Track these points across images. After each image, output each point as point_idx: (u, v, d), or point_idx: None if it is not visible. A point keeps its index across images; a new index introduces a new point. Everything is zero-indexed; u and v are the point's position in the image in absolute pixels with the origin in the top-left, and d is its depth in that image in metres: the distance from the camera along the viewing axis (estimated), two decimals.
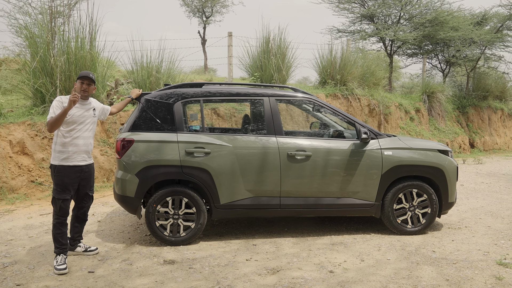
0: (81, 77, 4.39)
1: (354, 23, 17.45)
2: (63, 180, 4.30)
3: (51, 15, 8.75)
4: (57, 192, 4.31)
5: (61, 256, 4.29)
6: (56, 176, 4.31)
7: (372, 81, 13.74)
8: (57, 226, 4.32)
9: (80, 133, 4.39)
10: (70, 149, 4.32)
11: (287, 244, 5.07)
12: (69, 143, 4.32)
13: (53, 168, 4.32)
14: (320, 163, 5.22)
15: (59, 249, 4.31)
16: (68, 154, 4.32)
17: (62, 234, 4.32)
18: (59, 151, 4.31)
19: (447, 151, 5.66)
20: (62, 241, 4.32)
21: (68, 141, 4.31)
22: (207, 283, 3.93)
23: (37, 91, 8.60)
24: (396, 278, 4.08)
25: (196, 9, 20.19)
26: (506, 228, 5.83)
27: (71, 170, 4.33)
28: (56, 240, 4.31)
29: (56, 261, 4.26)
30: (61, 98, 4.31)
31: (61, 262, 4.23)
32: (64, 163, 4.30)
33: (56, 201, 4.32)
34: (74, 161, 4.35)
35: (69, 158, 4.32)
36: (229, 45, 12.22)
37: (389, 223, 5.41)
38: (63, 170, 4.30)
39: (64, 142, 4.31)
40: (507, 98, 20.03)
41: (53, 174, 4.34)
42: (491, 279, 4.07)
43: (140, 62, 9.67)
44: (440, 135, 15.37)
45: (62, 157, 4.30)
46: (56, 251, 4.30)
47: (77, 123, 4.36)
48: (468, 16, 17.51)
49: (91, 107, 4.55)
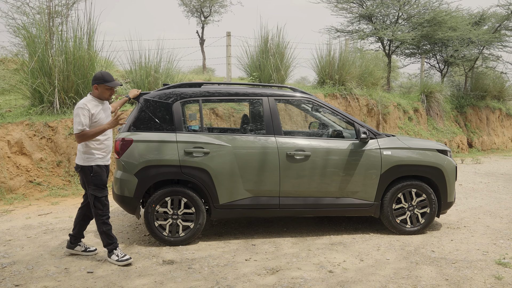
0: (111, 85, 4.39)
1: (353, 23, 17.44)
2: (102, 179, 4.40)
3: (49, 15, 8.73)
4: (98, 191, 4.39)
5: (118, 250, 4.45)
6: (94, 177, 4.36)
7: (370, 81, 13.75)
8: (106, 222, 4.43)
9: (108, 133, 4.50)
10: (103, 150, 4.43)
11: (286, 244, 5.07)
12: (102, 144, 4.41)
13: (88, 169, 4.35)
14: (319, 163, 5.22)
15: (113, 244, 4.45)
16: (103, 155, 4.43)
17: (111, 228, 4.48)
18: (93, 153, 4.36)
19: (446, 151, 5.66)
20: (113, 235, 4.48)
21: (101, 143, 4.40)
22: (206, 283, 3.92)
23: (35, 91, 8.59)
24: (395, 278, 4.08)
25: (194, 9, 20.17)
26: (505, 228, 5.83)
27: (105, 169, 4.47)
28: (108, 236, 4.45)
29: (116, 255, 4.40)
30: (86, 105, 4.28)
31: (122, 254, 4.42)
32: (100, 163, 4.40)
33: (99, 199, 4.40)
34: (106, 161, 4.47)
35: (103, 158, 4.44)
36: (228, 45, 12.21)
37: (388, 223, 5.41)
38: (100, 169, 4.39)
39: (97, 144, 4.37)
40: (505, 98, 20.07)
41: (87, 175, 4.36)
42: (490, 279, 4.07)
43: (139, 62, 9.66)
44: (438, 135, 15.39)
45: (96, 157, 4.37)
46: (111, 247, 4.44)
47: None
48: (466, 16, 17.52)
49: (108, 107, 4.64)
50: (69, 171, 7.97)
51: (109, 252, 4.46)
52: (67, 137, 8.11)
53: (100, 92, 4.40)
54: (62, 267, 4.31)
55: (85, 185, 4.45)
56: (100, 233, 4.46)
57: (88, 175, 4.36)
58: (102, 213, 4.41)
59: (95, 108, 4.34)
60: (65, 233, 5.42)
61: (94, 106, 4.35)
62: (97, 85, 4.38)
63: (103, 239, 4.46)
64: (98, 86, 4.38)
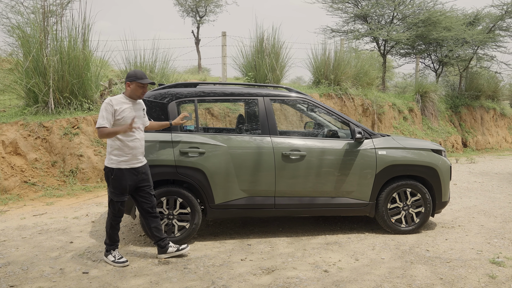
0: (144, 82, 4.33)
1: (348, 23, 17.49)
2: (121, 183, 4.29)
3: (44, 15, 8.70)
4: (115, 195, 4.32)
5: (116, 251, 4.43)
6: (113, 180, 4.29)
7: (365, 81, 13.80)
8: (114, 226, 4.41)
9: (135, 134, 4.36)
10: (128, 152, 4.29)
11: (282, 244, 5.08)
12: (126, 146, 4.28)
13: (109, 171, 4.29)
14: (314, 163, 5.23)
15: (114, 246, 4.44)
16: (127, 157, 4.29)
17: (117, 232, 4.48)
18: (116, 154, 4.28)
19: (440, 151, 5.69)
20: (116, 239, 4.48)
21: (126, 144, 4.28)
22: (202, 283, 3.93)
23: (30, 91, 8.56)
24: (390, 277, 4.10)
25: (189, 9, 20.15)
26: (499, 227, 5.87)
27: (128, 173, 4.31)
28: (112, 237, 4.44)
29: (113, 256, 4.38)
30: (111, 101, 4.22)
31: (119, 256, 4.40)
32: (122, 166, 4.28)
33: (114, 204, 4.34)
34: (131, 164, 4.33)
35: (129, 161, 4.31)
36: (223, 45, 12.21)
37: (383, 223, 5.44)
38: (120, 173, 4.28)
39: (122, 145, 4.27)
40: (499, 98, 20.19)
41: (108, 177, 4.32)
42: (484, 278, 4.10)
43: (134, 62, 9.66)
44: (433, 135, 15.46)
45: (119, 160, 4.27)
46: (111, 247, 4.43)
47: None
48: (460, 16, 17.62)
49: (141, 107, 4.53)
50: (64, 171, 7.94)
51: (107, 251, 4.44)
52: (62, 137, 8.08)
53: (132, 90, 4.33)
54: (57, 267, 4.29)
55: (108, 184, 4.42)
56: (106, 231, 4.45)
57: (109, 176, 4.30)
58: (113, 217, 4.38)
59: (120, 105, 4.25)
60: (60, 234, 5.40)
61: (120, 103, 4.27)
62: (129, 82, 4.32)
63: (107, 237, 4.45)
64: (130, 83, 4.32)
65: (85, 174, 8.05)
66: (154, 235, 4.55)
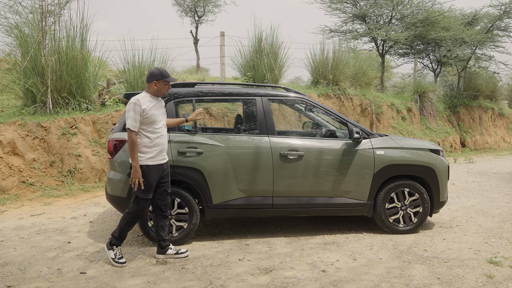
0: (170, 79, 4.40)
1: (346, 23, 17.49)
2: (148, 180, 4.32)
3: (42, 14, 8.69)
4: (141, 192, 4.32)
5: (119, 249, 4.43)
6: (142, 177, 4.30)
7: (364, 81, 13.81)
8: (131, 223, 4.41)
9: (161, 131, 4.41)
10: (155, 148, 4.34)
11: (280, 244, 5.08)
12: (154, 142, 4.33)
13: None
14: (312, 163, 5.23)
15: (119, 241, 4.43)
16: (154, 154, 4.33)
17: (130, 230, 4.47)
18: (143, 151, 4.30)
19: (438, 151, 5.69)
20: (125, 236, 4.48)
21: (152, 140, 4.32)
22: (200, 283, 3.92)
23: (28, 91, 8.55)
24: (388, 277, 4.10)
25: (188, 9, 20.14)
26: (497, 227, 5.88)
27: (154, 169, 4.35)
28: (122, 233, 4.43)
29: (114, 254, 4.38)
30: (138, 101, 4.25)
31: (120, 255, 4.39)
32: (149, 162, 4.31)
33: (140, 200, 4.34)
34: (157, 160, 4.36)
35: (155, 158, 4.34)
36: (222, 45, 12.21)
37: (381, 222, 5.44)
38: (148, 170, 4.30)
39: (149, 142, 4.31)
40: (497, 98, 20.22)
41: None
42: (482, 277, 4.10)
43: (132, 62, 9.64)
44: (431, 135, 15.47)
45: (147, 157, 4.30)
46: (116, 242, 4.41)
47: (156, 122, 4.35)
48: (459, 16, 17.62)
49: (163, 104, 4.57)
50: (62, 172, 7.94)
51: (111, 244, 4.42)
52: (60, 137, 8.08)
53: (158, 88, 4.37)
54: (54, 267, 4.29)
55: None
56: (119, 225, 4.41)
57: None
58: (134, 214, 4.38)
59: (147, 104, 4.28)
60: (57, 234, 5.40)
61: (147, 102, 4.30)
62: (156, 81, 4.34)
63: (116, 230, 4.42)
64: (157, 82, 4.35)
65: (83, 174, 8.04)
66: (158, 234, 4.55)
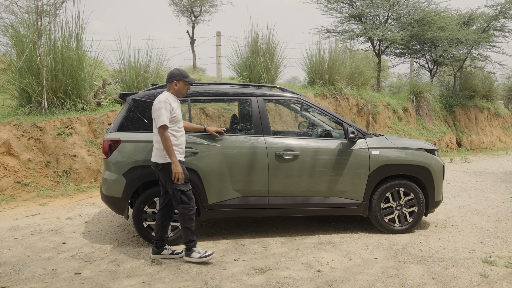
0: (190, 80, 4.53)
1: (343, 23, 17.52)
2: (185, 173, 4.43)
3: (37, 14, 8.67)
4: (184, 185, 4.41)
5: (198, 247, 4.49)
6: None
7: (360, 81, 13.82)
8: (192, 218, 4.45)
9: (183, 130, 4.57)
10: (180, 146, 4.46)
11: (275, 244, 5.08)
12: (178, 141, 4.45)
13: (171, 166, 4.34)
14: (308, 163, 5.23)
15: (194, 242, 4.48)
16: (180, 151, 4.46)
17: (194, 225, 4.50)
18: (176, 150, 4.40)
19: (433, 150, 5.70)
20: (194, 236, 4.49)
21: (178, 138, 4.45)
22: (195, 284, 3.92)
23: (23, 91, 8.52)
24: (383, 277, 4.11)
25: (184, 9, 20.13)
26: (492, 226, 5.89)
27: (182, 165, 4.46)
28: (192, 232, 4.46)
29: (198, 252, 4.43)
30: (168, 99, 4.36)
31: (204, 250, 4.47)
32: (179, 158, 4.43)
33: (186, 193, 4.41)
34: (180, 157, 4.48)
35: (180, 154, 4.47)
36: (218, 45, 12.20)
37: (377, 222, 5.45)
38: (182, 164, 4.43)
39: (175, 141, 4.40)
40: (493, 98, 20.26)
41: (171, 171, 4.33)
42: (476, 277, 4.11)
43: (128, 62, 9.61)
44: (427, 134, 15.50)
45: (177, 154, 4.39)
46: (192, 245, 4.45)
47: (180, 121, 4.49)
48: (455, 16, 17.67)
49: (180, 104, 4.66)
50: (58, 172, 7.91)
51: (188, 250, 4.46)
52: (56, 137, 8.05)
53: (179, 89, 4.50)
54: (49, 268, 4.28)
55: (167, 183, 4.43)
56: (184, 229, 4.43)
57: (166, 171, 4.38)
58: (189, 207, 4.42)
59: (173, 103, 4.40)
60: (52, 234, 5.38)
61: (173, 101, 4.43)
62: (176, 81, 4.47)
63: (186, 235, 4.44)
64: (177, 82, 4.48)
65: (78, 175, 8.02)
66: (158, 233, 4.55)
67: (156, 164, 4.41)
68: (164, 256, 4.55)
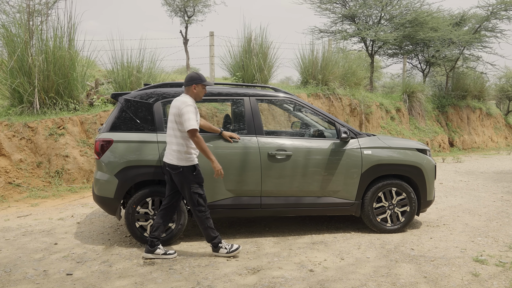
0: (208, 83, 4.59)
1: (336, 23, 17.58)
2: (202, 176, 4.56)
3: (29, 14, 8.61)
4: (201, 188, 4.52)
5: (224, 242, 4.63)
6: (196, 175, 4.49)
7: (353, 81, 13.86)
8: (209, 217, 4.56)
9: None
10: (196, 150, 4.54)
11: (268, 244, 5.08)
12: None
13: (190, 169, 4.45)
14: (300, 163, 5.23)
15: (218, 238, 4.60)
16: (197, 154, 4.56)
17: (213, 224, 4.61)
18: (191, 153, 4.47)
19: (425, 150, 5.73)
20: (216, 232, 4.61)
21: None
22: (187, 284, 3.91)
23: (15, 91, 8.47)
24: (375, 276, 4.13)
25: (178, 9, 20.07)
26: (483, 225, 5.94)
27: (199, 168, 4.58)
28: (213, 230, 4.58)
29: (224, 248, 4.58)
30: (193, 102, 4.47)
31: (230, 245, 4.62)
32: (197, 161, 4.55)
33: (202, 196, 4.52)
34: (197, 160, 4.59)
35: (197, 157, 4.57)
36: (211, 45, 12.19)
37: (369, 222, 5.47)
38: (199, 168, 4.55)
39: (193, 145, 4.48)
40: (485, 98, 20.43)
41: (190, 175, 4.44)
42: (467, 276, 4.14)
43: (121, 62, 9.58)
44: (420, 134, 15.58)
45: (194, 157, 4.50)
46: (217, 241, 4.59)
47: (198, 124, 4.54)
48: (447, 17, 17.79)
49: None
50: (49, 172, 7.87)
51: (215, 247, 4.59)
52: (47, 137, 8.01)
53: (197, 92, 4.54)
54: (40, 269, 4.25)
55: (182, 186, 4.48)
56: (204, 229, 4.54)
57: (191, 174, 4.45)
58: (205, 209, 4.52)
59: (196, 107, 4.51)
60: (44, 235, 5.35)
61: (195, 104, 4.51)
62: (195, 85, 4.52)
63: (208, 234, 4.55)
64: (196, 86, 4.52)
65: (70, 175, 7.98)
66: (156, 231, 4.55)
67: (175, 167, 4.43)
68: (157, 255, 4.53)
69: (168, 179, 4.61)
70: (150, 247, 4.53)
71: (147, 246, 4.54)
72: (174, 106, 4.43)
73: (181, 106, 4.35)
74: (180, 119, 4.36)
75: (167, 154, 4.52)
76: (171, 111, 4.46)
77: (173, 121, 4.42)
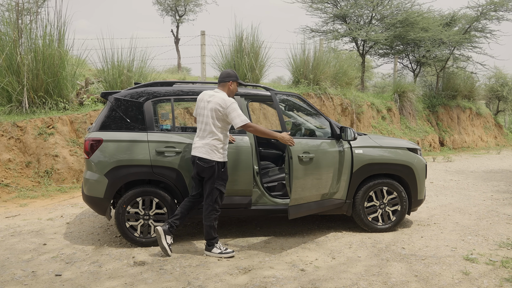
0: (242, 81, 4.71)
1: (327, 23, 17.59)
2: (227, 174, 4.65)
3: (18, 12, 8.52)
4: (224, 186, 4.59)
5: (220, 243, 4.63)
6: (224, 172, 4.57)
7: (344, 81, 13.90)
8: (217, 218, 4.60)
9: None
10: (227, 146, 4.66)
11: (259, 244, 5.06)
12: (227, 140, 4.64)
13: (221, 165, 4.54)
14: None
15: (217, 238, 4.61)
16: (226, 152, 4.65)
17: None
18: (225, 149, 4.60)
19: (416, 149, 5.75)
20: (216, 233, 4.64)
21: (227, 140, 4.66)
22: (178, 284, 3.89)
23: (3, 90, 8.38)
24: (366, 275, 4.13)
25: (169, 8, 20.00)
26: (473, 224, 5.97)
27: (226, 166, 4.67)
28: (216, 230, 4.60)
29: (218, 248, 4.57)
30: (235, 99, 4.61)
31: (224, 247, 4.61)
32: (226, 158, 4.63)
33: (222, 195, 4.59)
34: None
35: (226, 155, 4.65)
36: (202, 44, 12.16)
37: (360, 221, 5.47)
38: (226, 165, 4.64)
39: (226, 140, 4.60)
40: (475, 98, 20.59)
41: (218, 170, 4.51)
42: (458, 274, 4.15)
43: (111, 61, 9.52)
44: (411, 134, 15.66)
45: (226, 153, 4.61)
46: (215, 241, 4.59)
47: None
48: (437, 17, 17.89)
49: None
50: (39, 172, 7.78)
51: (209, 246, 4.58)
52: (37, 137, 7.92)
53: (232, 89, 4.64)
54: (29, 270, 4.20)
55: (210, 179, 4.49)
56: (208, 226, 4.54)
57: (220, 170, 4.52)
58: (218, 209, 4.58)
59: None
60: (33, 236, 5.28)
61: None
62: (232, 82, 4.61)
63: (209, 232, 4.56)
64: (232, 83, 4.62)
65: (60, 175, 7.90)
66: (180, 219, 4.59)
67: (209, 161, 4.46)
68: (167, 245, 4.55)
69: (194, 174, 4.62)
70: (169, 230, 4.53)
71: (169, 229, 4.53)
72: (213, 101, 4.46)
73: (226, 103, 4.41)
74: (224, 115, 4.42)
75: (198, 148, 4.53)
76: (208, 106, 4.49)
77: (212, 116, 4.46)
